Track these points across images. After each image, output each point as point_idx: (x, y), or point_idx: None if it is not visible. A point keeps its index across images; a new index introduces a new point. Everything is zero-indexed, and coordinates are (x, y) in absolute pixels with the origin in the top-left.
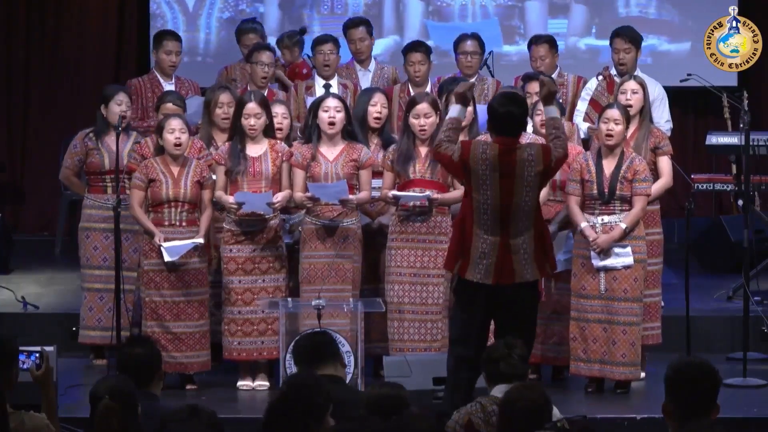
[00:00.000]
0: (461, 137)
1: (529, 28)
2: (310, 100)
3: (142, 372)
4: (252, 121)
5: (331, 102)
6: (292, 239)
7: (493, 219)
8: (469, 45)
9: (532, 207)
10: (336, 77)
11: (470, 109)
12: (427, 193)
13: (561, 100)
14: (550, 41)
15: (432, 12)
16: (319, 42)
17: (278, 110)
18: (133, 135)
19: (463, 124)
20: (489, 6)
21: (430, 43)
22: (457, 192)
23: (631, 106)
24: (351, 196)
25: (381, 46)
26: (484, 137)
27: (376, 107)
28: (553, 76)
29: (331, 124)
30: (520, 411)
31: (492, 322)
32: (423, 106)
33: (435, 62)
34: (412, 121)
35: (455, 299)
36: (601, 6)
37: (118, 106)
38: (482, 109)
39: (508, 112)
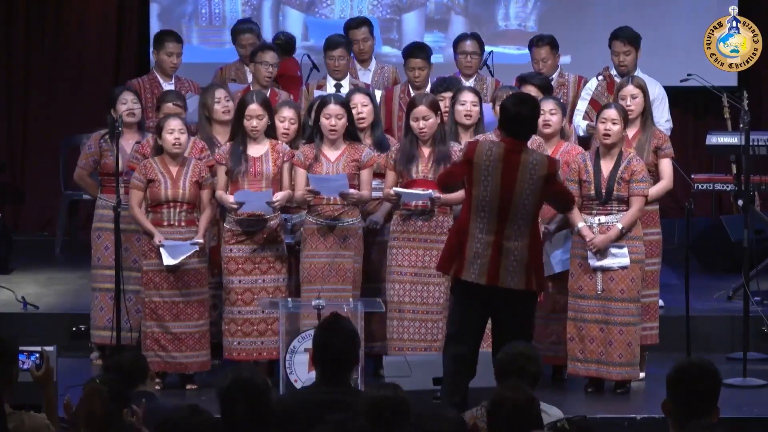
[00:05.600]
0: (466, 136)
1: (406, 40)
2: (319, 94)
3: (130, 376)
4: (254, 122)
5: (333, 109)
6: (293, 239)
7: (491, 216)
8: (469, 45)
9: (532, 212)
10: (348, 77)
11: (476, 108)
12: (429, 191)
13: (562, 100)
14: (552, 42)
15: (312, 27)
16: (329, 47)
17: (287, 114)
18: (149, 135)
19: (468, 123)
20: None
21: (311, 42)
22: (460, 192)
23: (632, 111)
24: (352, 190)
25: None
26: (491, 137)
27: (356, 108)
28: (553, 76)
29: (333, 131)
30: (506, 413)
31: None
32: (421, 109)
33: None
34: (412, 123)
35: (452, 297)
36: (480, 19)
37: (123, 105)
38: (487, 108)
39: (519, 113)
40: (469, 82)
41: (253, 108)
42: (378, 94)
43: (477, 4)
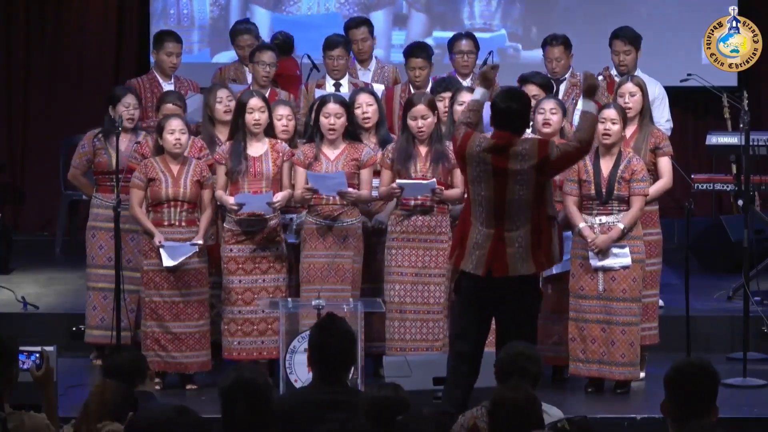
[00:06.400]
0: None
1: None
2: (319, 94)
3: (129, 376)
4: (257, 115)
5: (332, 108)
6: (297, 239)
7: (488, 212)
8: (464, 44)
9: (529, 201)
10: (347, 76)
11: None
12: (433, 180)
13: (573, 101)
14: (566, 42)
15: (279, 24)
16: (328, 46)
17: (282, 112)
18: (142, 134)
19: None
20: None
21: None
22: (458, 190)
23: (630, 108)
24: (350, 189)
25: (227, 57)
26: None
27: (361, 108)
28: (566, 76)
29: (332, 130)
30: (508, 413)
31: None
32: (420, 108)
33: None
34: (410, 122)
35: (456, 295)
36: (445, 18)
37: (126, 108)
38: (487, 106)
39: (509, 107)
40: (466, 82)
41: (254, 102)
42: (379, 89)
43: (441, 3)
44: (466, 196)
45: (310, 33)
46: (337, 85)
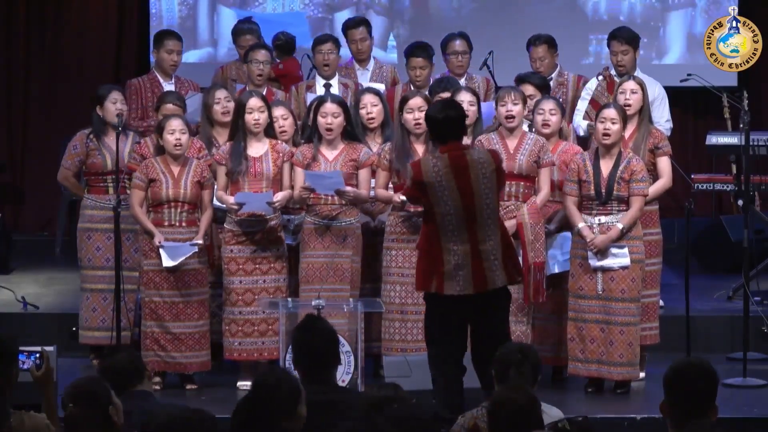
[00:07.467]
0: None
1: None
2: (311, 97)
3: (127, 376)
4: (256, 115)
5: (330, 107)
6: (294, 241)
7: (460, 227)
8: (458, 45)
9: (496, 208)
10: (337, 76)
11: (473, 108)
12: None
13: (561, 100)
14: (549, 41)
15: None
16: (318, 42)
17: (278, 112)
18: (131, 135)
19: (467, 122)
20: (299, 17)
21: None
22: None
23: (630, 105)
24: (348, 188)
25: (195, 56)
26: (492, 135)
27: (365, 109)
28: (552, 75)
29: (329, 130)
30: (508, 414)
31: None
32: (416, 100)
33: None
34: (407, 116)
35: (427, 306)
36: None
37: (114, 104)
38: (488, 104)
39: (447, 117)
40: (461, 82)
41: (254, 102)
42: (380, 87)
43: (400, 4)
44: (423, 229)
45: (275, 32)
46: (328, 86)
